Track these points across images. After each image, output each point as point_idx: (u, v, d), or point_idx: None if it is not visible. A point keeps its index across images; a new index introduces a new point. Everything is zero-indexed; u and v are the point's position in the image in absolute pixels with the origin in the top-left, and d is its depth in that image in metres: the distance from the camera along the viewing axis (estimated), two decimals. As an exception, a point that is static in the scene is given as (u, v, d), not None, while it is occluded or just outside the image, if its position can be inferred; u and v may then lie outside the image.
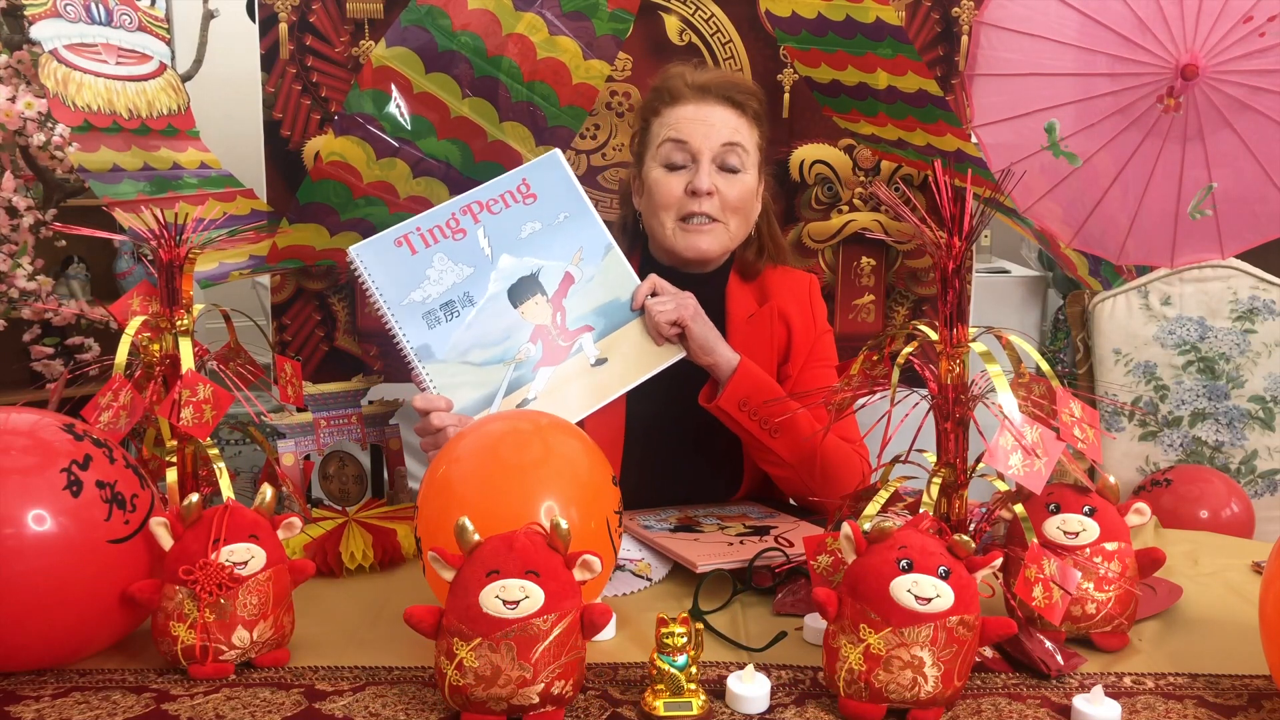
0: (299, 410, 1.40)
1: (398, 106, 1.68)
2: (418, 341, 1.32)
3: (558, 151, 1.41)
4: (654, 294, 1.41)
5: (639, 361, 1.39)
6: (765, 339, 1.55)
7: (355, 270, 1.31)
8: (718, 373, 1.42)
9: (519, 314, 1.36)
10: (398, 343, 1.32)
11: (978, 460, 1.05)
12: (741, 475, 1.56)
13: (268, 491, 1.07)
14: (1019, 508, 1.05)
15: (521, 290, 1.37)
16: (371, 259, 1.31)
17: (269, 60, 2.10)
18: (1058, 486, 1.11)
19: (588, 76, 1.77)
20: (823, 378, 1.56)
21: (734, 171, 1.48)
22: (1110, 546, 1.09)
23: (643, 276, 1.43)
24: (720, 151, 1.46)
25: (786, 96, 2.17)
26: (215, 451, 1.13)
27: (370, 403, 1.47)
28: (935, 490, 1.04)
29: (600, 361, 1.38)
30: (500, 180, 1.39)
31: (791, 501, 1.54)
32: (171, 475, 1.13)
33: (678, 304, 1.39)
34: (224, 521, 1.02)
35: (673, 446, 1.53)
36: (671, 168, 1.48)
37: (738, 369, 1.41)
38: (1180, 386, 2.14)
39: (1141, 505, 1.13)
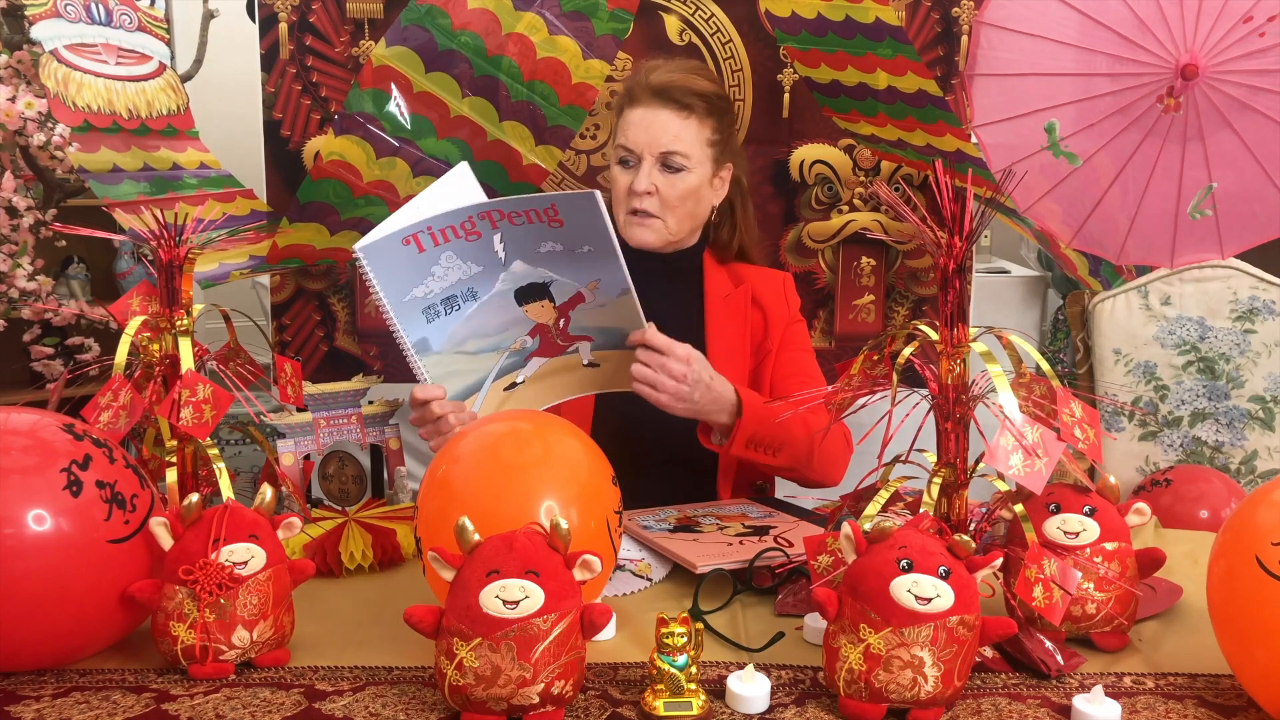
0: (299, 410, 1.40)
1: (398, 106, 1.68)
2: (415, 336, 1.34)
3: (597, 195, 1.29)
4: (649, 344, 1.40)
5: (627, 376, 1.42)
6: (740, 319, 1.65)
7: (361, 267, 1.31)
8: (716, 426, 1.48)
9: (522, 312, 1.38)
10: (396, 337, 1.34)
11: (978, 460, 1.05)
12: None
13: (268, 491, 1.07)
14: (1019, 508, 1.05)
15: (530, 293, 1.38)
16: (377, 258, 1.30)
17: (269, 60, 2.10)
18: (1058, 486, 1.11)
19: (587, 76, 1.77)
20: (800, 361, 1.66)
21: (675, 170, 1.56)
22: (1110, 546, 1.09)
23: (629, 259, 1.47)
24: (661, 155, 1.56)
25: (786, 96, 2.17)
26: (215, 451, 1.13)
27: (371, 402, 1.47)
28: (935, 490, 1.04)
29: (592, 364, 1.44)
30: (527, 198, 1.31)
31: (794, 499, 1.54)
32: (171, 475, 1.13)
33: (655, 384, 1.39)
34: (224, 521, 1.02)
35: (646, 408, 1.54)
36: (623, 165, 1.59)
37: (743, 413, 1.44)
38: (1180, 386, 2.14)
39: (1141, 505, 1.13)
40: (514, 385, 1.41)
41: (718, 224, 1.69)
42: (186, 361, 1.13)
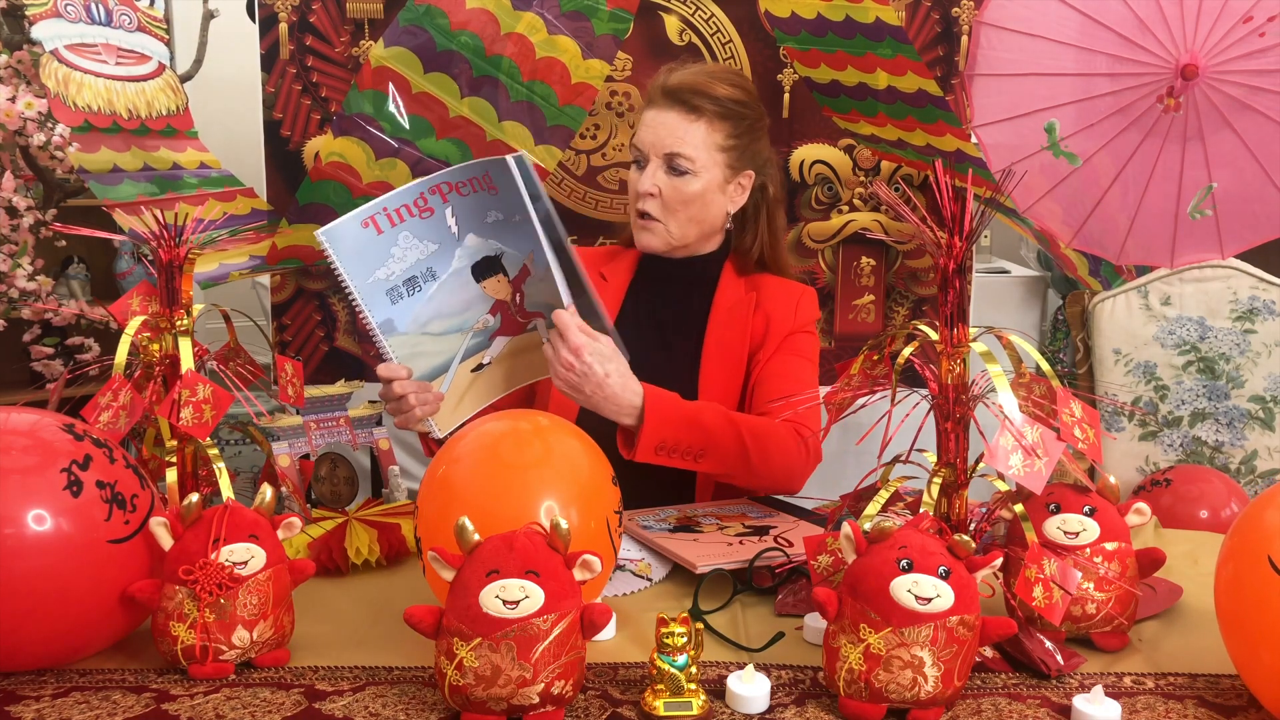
0: (296, 411, 1.40)
1: (397, 106, 1.68)
2: (381, 317, 1.35)
3: (508, 160, 1.29)
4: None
5: None
6: (741, 327, 1.61)
7: (324, 252, 1.32)
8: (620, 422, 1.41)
9: (480, 289, 1.39)
10: (362, 318, 1.34)
11: (978, 460, 1.05)
12: None
13: (268, 491, 1.07)
14: (1019, 508, 1.05)
15: (485, 268, 1.38)
16: (339, 241, 1.31)
17: (269, 60, 2.10)
18: (1058, 486, 1.11)
19: (587, 76, 1.77)
20: (790, 365, 1.60)
21: (680, 174, 1.55)
22: (1110, 546, 1.09)
23: (646, 262, 1.53)
24: (665, 157, 1.55)
25: (786, 96, 2.17)
26: (215, 451, 1.13)
27: (370, 403, 1.47)
28: (935, 490, 1.04)
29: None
30: (466, 166, 1.34)
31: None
32: (171, 475, 1.13)
33: (554, 369, 1.35)
34: (224, 521, 1.02)
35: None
36: (636, 165, 1.59)
37: (645, 419, 1.37)
38: (1180, 386, 2.14)
39: (1141, 505, 1.13)
40: (481, 366, 1.41)
41: (739, 231, 1.65)
42: (186, 361, 1.13)
